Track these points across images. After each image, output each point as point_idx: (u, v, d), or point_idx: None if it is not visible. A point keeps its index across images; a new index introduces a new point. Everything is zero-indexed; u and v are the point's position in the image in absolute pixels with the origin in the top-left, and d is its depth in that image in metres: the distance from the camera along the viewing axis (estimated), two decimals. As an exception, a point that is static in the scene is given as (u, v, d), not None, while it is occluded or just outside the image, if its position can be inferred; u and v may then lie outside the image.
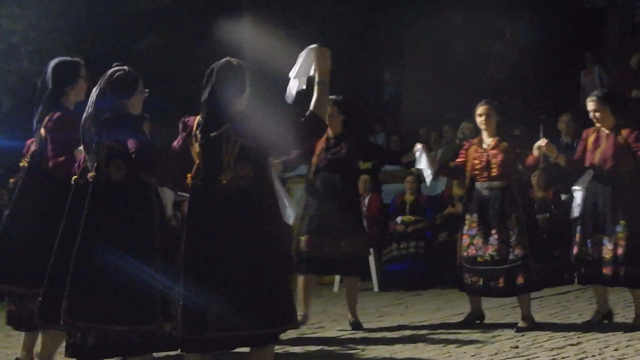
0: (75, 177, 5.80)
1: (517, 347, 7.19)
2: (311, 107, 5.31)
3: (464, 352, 7.00)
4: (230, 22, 13.32)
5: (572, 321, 8.16)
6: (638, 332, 7.40)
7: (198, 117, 5.36)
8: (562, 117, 12.20)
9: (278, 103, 10.61)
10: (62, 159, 6.24)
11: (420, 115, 15.93)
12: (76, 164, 5.95)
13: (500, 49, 16.68)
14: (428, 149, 8.39)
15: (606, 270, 7.65)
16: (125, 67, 5.68)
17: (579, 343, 7.10)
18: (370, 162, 13.19)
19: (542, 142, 7.71)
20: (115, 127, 5.56)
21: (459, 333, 8.00)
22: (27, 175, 6.61)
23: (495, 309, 8.97)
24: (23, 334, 6.73)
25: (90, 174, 5.61)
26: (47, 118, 6.38)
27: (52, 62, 6.49)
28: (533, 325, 7.78)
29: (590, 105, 7.83)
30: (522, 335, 7.64)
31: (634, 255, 7.55)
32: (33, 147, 6.58)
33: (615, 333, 7.47)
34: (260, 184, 5.34)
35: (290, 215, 7.19)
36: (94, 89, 5.67)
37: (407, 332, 8.10)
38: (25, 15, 14.95)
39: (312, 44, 5.59)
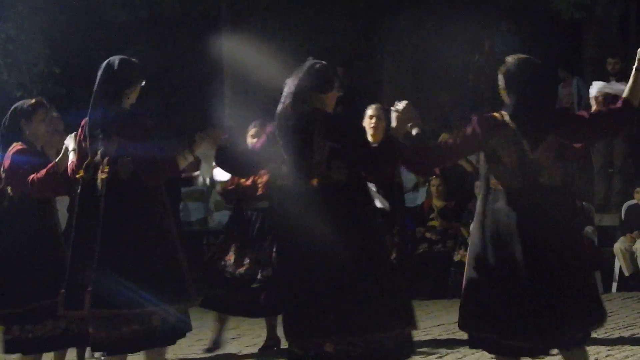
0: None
1: None
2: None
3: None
4: (209, 35, 13.38)
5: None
6: (617, 344, 7.42)
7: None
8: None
9: (258, 113, 10.59)
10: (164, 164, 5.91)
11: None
12: (71, 162, 5.97)
13: (479, 60, 16.61)
14: None
15: None
16: (323, 62, 5.56)
17: (558, 353, 7.09)
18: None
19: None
20: None
21: (440, 344, 7.98)
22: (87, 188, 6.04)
23: None
24: None
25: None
26: (116, 122, 5.78)
27: (114, 60, 5.95)
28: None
29: None
30: None
31: None
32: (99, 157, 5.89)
33: (596, 341, 7.44)
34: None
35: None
36: None
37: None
38: (3, 28, 14.81)
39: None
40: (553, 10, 15.81)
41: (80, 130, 5.86)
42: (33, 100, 6.63)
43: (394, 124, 5.44)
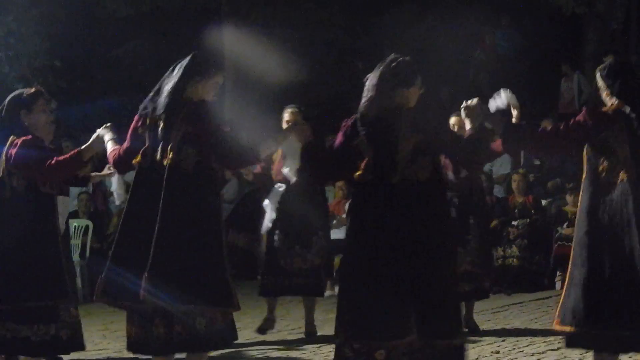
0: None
1: (497, 352, 7.24)
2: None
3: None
4: (211, 29, 13.41)
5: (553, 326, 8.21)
6: None
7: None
8: (541, 123, 12.29)
9: (259, 108, 10.61)
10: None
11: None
12: (113, 150, 5.92)
13: (480, 55, 16.81)
14: None
15: None
16: (406, 57, 5.44)
17: (559, 348, 7.12)
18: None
19: None
20: None
21: None
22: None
23: (477, 314, 8.99)
24: None
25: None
26: (181, 110, 5.69)
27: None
28: None
29: None
30: (503, 340, 7.67)
31: None
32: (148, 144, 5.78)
33: None
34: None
35: None
36: None
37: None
38: (4, 22, 14.82)
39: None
40: (554, 6, 15.91)
41: (137, 117, 5.75)
42: (32, 90, 6.40)
43: (468, 122, 5.44)
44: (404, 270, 5.12)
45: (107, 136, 6.02)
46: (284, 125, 7.88)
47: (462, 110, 5.49)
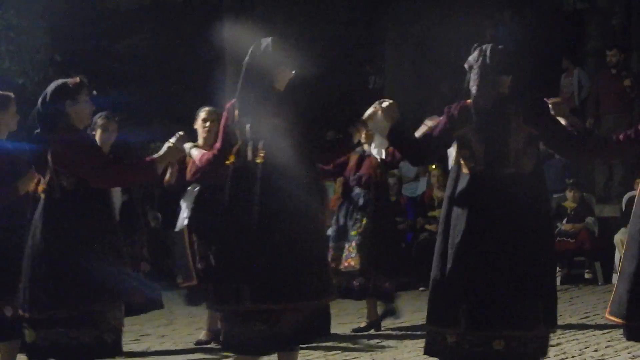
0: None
1: None
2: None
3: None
4: (211, 23, 13.42)
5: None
6: (617, 334, 7.45)
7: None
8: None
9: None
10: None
11: (401, 115, 16.01)
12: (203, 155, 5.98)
13: None
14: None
15: None
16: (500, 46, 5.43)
17: (559, 344, 7.13)
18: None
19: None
20: None
21: None
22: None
23: None
24: None
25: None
26: (268, 105, 5.64)
27: (264, 42, 5.70)
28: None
29: None
30: None
31: None
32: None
33: (595, 333, 7.53)
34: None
35: None
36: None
37: (387, 334, 8.16)
38: (5, 16, 14.99)
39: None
40: (556, 1, 15.91)
41: (225, 114, 5.72)
42: (77, 79, 6.04)
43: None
44: (523, 262, 5.16)
45: (187, 145, 5.99)
46: (200, 125, 7.83)
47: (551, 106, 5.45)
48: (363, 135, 5.83)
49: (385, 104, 5.49)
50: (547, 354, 5.39)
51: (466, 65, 5.34)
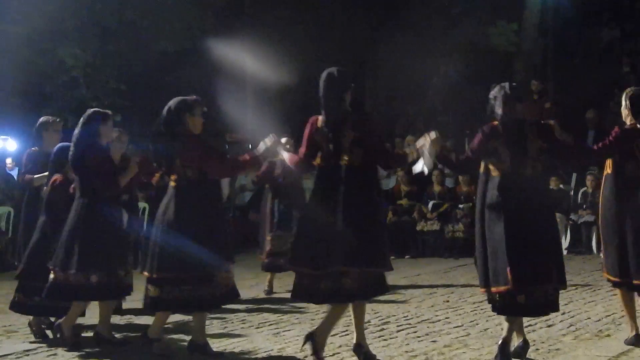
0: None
1: (448, 301, 8.50)
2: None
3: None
4: (233, 52, 14.48)
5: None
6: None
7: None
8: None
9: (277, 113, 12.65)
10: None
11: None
12: (293, 156, 6.47)
13: (436, 82, 18.29)
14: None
15: None
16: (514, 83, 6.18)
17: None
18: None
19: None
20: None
21: (404, 289, 9.21)
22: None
23: (431, 273, 10.84)
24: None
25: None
26: (347, 120, 6.11)
27: (333, 71, 6.18)
28: None
29: None
30: (452, 293, 8.92)
31: None
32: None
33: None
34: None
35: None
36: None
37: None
38: (83, 56, 16.84)
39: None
40: (491, 45, 18.01)
41: (310, 126, 6.13)
42: (193, 97, 6.56)
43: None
44: (541, 234, 5.98)
45: (280, 146, 6.54)
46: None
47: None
48: (414, 154, 6.42)
49: (433, 135, 6.17)
50: (558, 309, 6.16)
51: (491, 96, 6.07)
